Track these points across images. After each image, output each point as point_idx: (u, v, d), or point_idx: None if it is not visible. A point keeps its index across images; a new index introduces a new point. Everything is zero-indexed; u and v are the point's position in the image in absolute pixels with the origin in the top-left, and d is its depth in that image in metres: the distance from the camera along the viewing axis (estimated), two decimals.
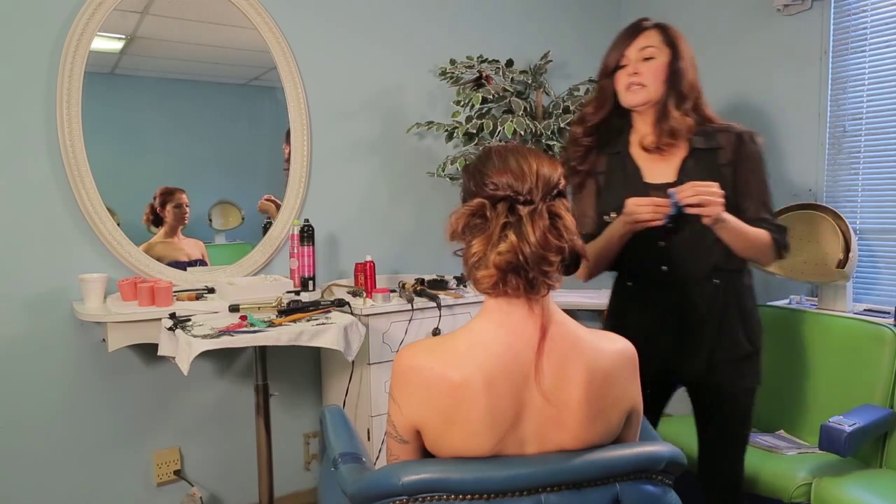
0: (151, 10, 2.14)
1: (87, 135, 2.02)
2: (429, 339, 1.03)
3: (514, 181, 0.95)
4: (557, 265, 0.94)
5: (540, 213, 0.94)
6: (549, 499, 0.91)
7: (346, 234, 2.56)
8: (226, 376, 2.34)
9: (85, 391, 2.09)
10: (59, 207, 2.03)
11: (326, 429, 1.26)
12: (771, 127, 2.64)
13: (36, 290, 2.00)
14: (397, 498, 0.90)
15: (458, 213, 0.99)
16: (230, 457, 2.36)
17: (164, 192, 2.21)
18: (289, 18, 2.39)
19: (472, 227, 0.97)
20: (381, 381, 2.14)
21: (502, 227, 0.94)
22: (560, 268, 0.96)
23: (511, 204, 0.95)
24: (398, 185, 2.69)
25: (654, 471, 0.99)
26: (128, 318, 1.84)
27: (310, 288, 2.21)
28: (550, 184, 0.97)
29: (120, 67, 2.15)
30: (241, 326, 1.73)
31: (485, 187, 0.97)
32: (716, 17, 2.84)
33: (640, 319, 1.56)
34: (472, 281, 0.98)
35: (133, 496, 2.19)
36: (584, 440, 0.96)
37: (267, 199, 2.41)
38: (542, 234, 0.93)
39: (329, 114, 2.50)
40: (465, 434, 0.92)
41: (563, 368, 0.94)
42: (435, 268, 2.71)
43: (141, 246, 2.15)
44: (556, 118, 2.53)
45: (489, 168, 0.98)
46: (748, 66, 2.72)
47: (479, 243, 0.95)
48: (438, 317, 2.21)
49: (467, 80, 2.52)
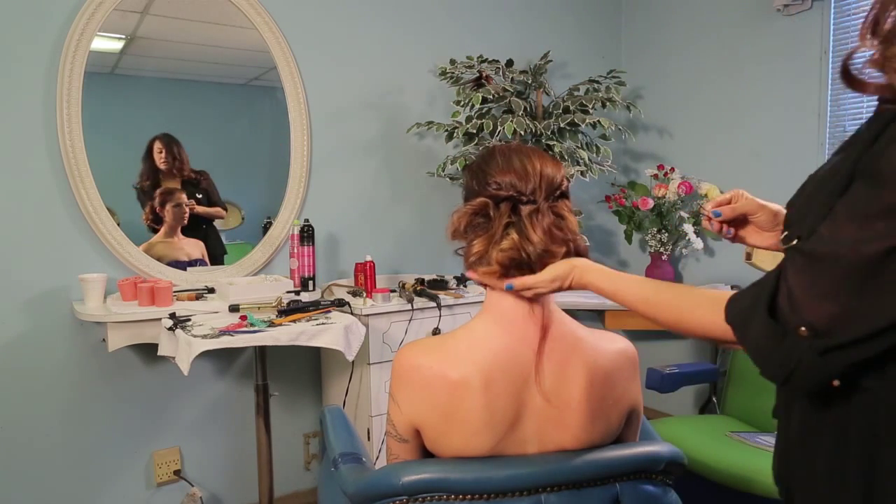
0: (151, 10, 2.14)
1: (87, 135, 2.02)
2: (429, 338, 1.03)
3: (518, 181, 0.95)
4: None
5: (543, 213, 0.94)
6: (548, 499, 0.91)
7: (346, 234, 2.56)
8: (226, 376, 2.34)
9: (85, 391, 2.09)
10: (59, 207, 2.03)
11: (326, 429, 1.26)
12: (771, 127, 2.64)
13: (36, 290, 2.00)
14: (397, 498, 0.90)
15: (461, 211, 0.99)
16: (230, 457, 2.36)
17: (164, 191, 2.21)
18: (289, 18, 2.39)
19: (474, 225, 0.97)
20: (381, 381, 2.14)
21: (505, 227, 0.94)
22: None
23: (514, 204, 0.95)
24: (398, 185, 2.69)
25: (654, 471, 0.99)
26: (128, 318, 1.84)
27: (310, 288, 2.21)
28: (553, 184, 0.97)
29: (120, 67, 2.15)
30: (241, 326, 1.73)
31: (488, 186, 0.96)
32: (716, 17, 2.84)
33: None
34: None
35: (133, 496, 2.19)
36: (585, 440, 0.96)
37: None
38: (544, 233, 0.93)
39: (329, 114, 2.50)
40: (465, 433, 0.92)
41: (563, 368, 0.94)
42: (435, 268, 2.71)
43: (141, 246, 2.15)
44: (556, 118, 2.53)
45: (492, 167, 0.98)
46: (748, 66, 2.72)
47: (480, 242, 0.95)
48: (438, 317, 2.21)
49: (467, 80, 2.52)
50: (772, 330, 0.64)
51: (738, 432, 2.07)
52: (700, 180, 2.77)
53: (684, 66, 3.01)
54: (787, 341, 0.63)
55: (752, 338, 0.67)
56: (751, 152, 2.73)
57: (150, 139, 2.18)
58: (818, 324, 0.61)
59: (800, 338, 0.62)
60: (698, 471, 1.89)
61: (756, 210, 0.94)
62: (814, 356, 0.61)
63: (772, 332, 0.64)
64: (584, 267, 0.92)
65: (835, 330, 0.60)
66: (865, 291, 0.59)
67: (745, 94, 2.75)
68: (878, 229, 0.56)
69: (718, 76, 2.86)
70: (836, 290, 0.60)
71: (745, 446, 1.94)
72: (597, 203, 3.20)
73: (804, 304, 0.62)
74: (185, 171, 2.22)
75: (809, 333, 0.61)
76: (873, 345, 0.59)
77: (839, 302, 0.60)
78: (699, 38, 2.94)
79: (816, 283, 0.61)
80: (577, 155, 2.49)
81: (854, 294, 0.59)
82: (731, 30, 2.78)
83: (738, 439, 2.01)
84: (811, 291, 0.62)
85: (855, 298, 0.59)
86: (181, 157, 2.21)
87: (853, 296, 0.59)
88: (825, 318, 0.60)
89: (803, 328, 0.61)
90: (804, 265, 0.63)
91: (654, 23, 3.15)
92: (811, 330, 0.61)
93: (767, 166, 2.66)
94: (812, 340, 0.61)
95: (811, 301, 0.61)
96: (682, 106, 3.03)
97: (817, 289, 0.61)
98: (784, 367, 0.64)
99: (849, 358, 0.61)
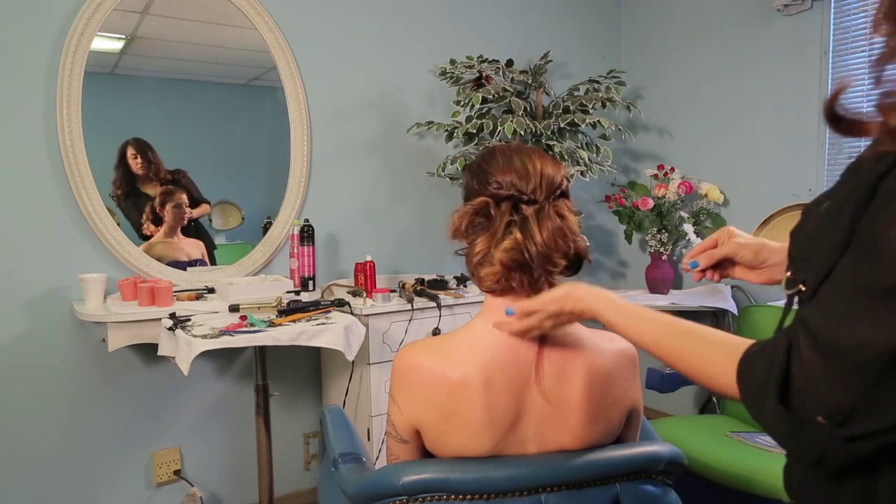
0: (151, 10, 2.14)
1: (87, 135, 2.02)
2: (429, 338, 1.03)
3: (518, 180, 0.95)
4: (562, 268, 0.95)
5: (547, 214, 0.94)
6: (548, 499, 0.91)
7: (346, 234, 2.56)
8: (226, 376, 2.34)
9: (85, 391, 2.09)
10: (59, 207, 2.03)
11: (326, 429, 1.26)
12: (771, 127, 2.64)
13: (36, 290, 2.00)
14: (397, 498, 0.90)
15: (461, 211, 0.99)
16: (230, 457, 2.36)
17: (164, 191, 2.21)
18: (289, 18, 2.39)
19: (475, 225, 0.97)
20: (381, 381, 2.14)
21: (506, 226, 0.94)
22: (563, 270, 0.96)
23: (515, 203, 0.95)
24: (398, 185, 2.69)
25: (654, 471, 0.99)
26: (128, 318, 1.84)
27: (310, 288, 2.21)
28: (554, 184, 0.97)
29: (120, 67, 2.15)
30: (241, 326, 1.73)
31: (488, 186, 0.96)
32: (716, 17, 2.84)
33: None
34: (475, 279, 0.98)
35: (133, 496, 2.19)
36: (585, 440, 0.96)
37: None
38: (549, 234, 0.93)
39: (329, 114, 2.50)
40: (465, 433, 0.92)
41: (563, 369, 0.94)
42: (435, 268, 2.72)
43: (141, 246, 2.16)
44: (556, 118, 2.53)
45: (493, 167, 0.98)
46: (748, 66, 2.72)
47: (483, 241, 0.95)
48: (438, 317, 2.21)
49: (467, 80, 2.52)
50: (787, 418, 0.59)
51: (738, 432, 2.07)
52: (700, 180, 2.78)
53: (684, 66, 3.01)
54: (807, 430, 0.58)
55: (769, 424, 0.61)
56: (751, 152, 2.73)
57: (120, 146, 2.13)
58: (836, 414, 0.55)
59: (819, 426, 0.57)
60: (698, 471, 1.89)
61: (737, 251, 0.92)
62: (839, 443, 0.56)
63: (787, 420, 0.59)
64: (590, 294, 0.86)
65: (855, 420, 0.55)
66: (881, 381, 0.53)
67: (745, 94, 2.74)
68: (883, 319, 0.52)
69: (718, 76, 2.85)
70: (849, 380, 0.54)
71: (745, 446, 1.94)
72: (597, 203, 3.20)
73: (818, 393, 0.56)
74: (162, 174, 2.20)
75: (829, 423, 0.56)
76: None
77: (854, 392, 0.54)
78: (699, 38, 2.94)
79: (829, 372, 0.56)
80: (577, 155, 2.49)
81: (870, 385, 0.54)
82: (731, 30, 2.78)
83: (738, 439, 2.01)
84: (825, 379, 0.56)
85: (871, 389, 0.54)
86: (156, 160, 2.18)
87: (869, 386, 0.54)
88: (842, 408, 0.55)
89: (820, 417, 0.56)
90: (812, 346, 0.57)
91: (654, 23, 3.15)
92: (829, 419, 0.56)
93: (767, 166, 2.66)
94: (833, 429, 0.56)
95: (825, 390, 0.56)
96: (682, 106, 3.03)
97: (830, 377, 0.55)
98: (811, 453, 0.58)
99: (878, 444, 0.55)
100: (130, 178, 2.15)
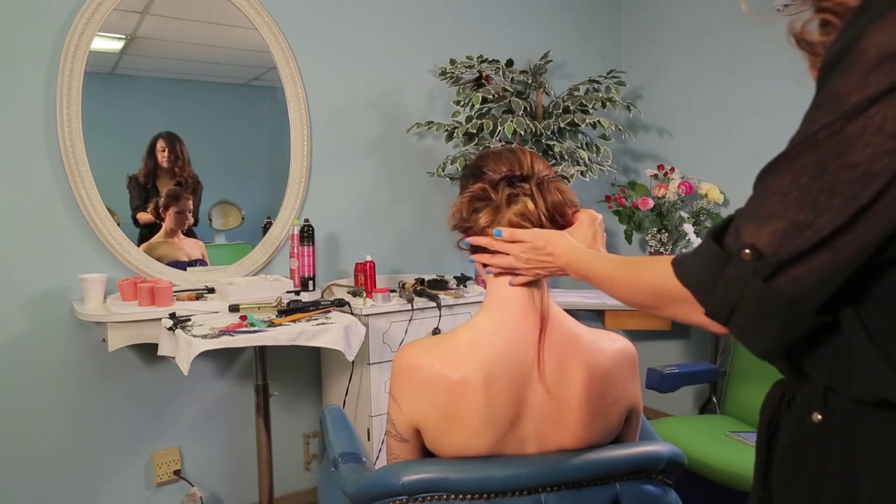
0: (151, 10, 2.14)
1: (87, 135, 2.02)
2: (429, 337, 1.03)
3: (512, 166, 1.00)
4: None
5: (547, 188, 0.99)
6: (548, 499, 0.91)
7: (346, 234, 2.56)
8: (226, 376, 2.34)
9: (85, 391, 2.09)
10: (59, 207, 2.02)
11: (326, 429, 1.26)
12: (771, 127, 2.64)
13: (36, 290, 2.00)
14: (397, 498, 0.90)
15: (461, 200, 1.02)
16: (230, 457, 2.36)
17: (172, 193, 2.21)
18: (289, 18, 2.39)
19: (475, 209, 1.01)
20: (381, 381, 2.14)
21: (508, 198, 0.98)
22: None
23: (511, 182, 0.99)
24: (398, 185, 2.69)
25: (654, 471, 0.99)
26: (128, 318, 1.84)
27: (310, 288, 2.21)
28: (541, 176, 1.01)
29: (120, 67, 2.15)
30: (241, 326, 1.73)
31: (484, 176, 1.00)
32: (716, 17, 2.84)
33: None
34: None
35: (133, 496, 2.19)
36: (584, 439, 0.96)
37: None
38: (553, 202, 0.98)
39: (329, 114, 2.50)
40: (465, 432, 0.92)
41: (563, 365, 0.94)
42: (435, 268, 2.72)
43: (141, 246, 2.16)
44: (556, 118, 2.53)
45: (485, 162, 1.02)
46: (748, 66, 2.72)
47: (486, 214, 0.99)
48: (438, 317, 2.21)
49: (467, 80, 2.52)
50: (714, 256, 0.57)
51: (738, 432, 2.07)
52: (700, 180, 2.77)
53: (684, 66, 3.01)
54: (730, 269, 0.55)
55: (692, 272, 0.60)
56: (751, 152, 2.73)
57: (152, 137, 2.18)
58: (762, 243, 0.54)
59: (743, 261, 0.55)
60: (698, 471, 1.89)
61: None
62: (758, 283, 0.54)
63: (714, 258, 0.57)
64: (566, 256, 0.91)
65: (781, 246, 0.53)
66: (817, 188, 0.51)
67: (745, 94, 2.74)
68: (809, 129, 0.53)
69: (718, 76, 2.85)
70: (784, 200, 0.53)
71: (745, 446, 1.94)
72: (597, 203, 3.19)
73: (748, 224, 0.55)
74: (186, 173, 2.22)
75: (753, 256, 0.54)
76: (822, 262, 0.51)
77: (786, 216, 0.52)
78: (699, 38, 2.94)
79: (767, 197, 0.55)
80: (577, 155, 2.49)
81: (803, 201, 0.51)
82: (730, 30, 2.78)
83: (737, 439, 2.01)
84: (759, 209, 0.55)
85: (803, 208, 0.51)
86: (183, 156, 2.21)
87: (802, 204, 0.51)
88: (771, 235, 0.53)
89: (747, 250, 0.54)
90: (756, 184, 0.57)
91: (654, 23, 3.15)
92: (755, 251, 0.54)
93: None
94: (756, 263, 0.54)
95: (756, 221, 0.55)
96: (682, 106, 3.03)
97: (767, 203, 0.54)
98: (726, 300, 0.56)
99: (797, 283, 0.52)
100: (154, 169, 2.20)
